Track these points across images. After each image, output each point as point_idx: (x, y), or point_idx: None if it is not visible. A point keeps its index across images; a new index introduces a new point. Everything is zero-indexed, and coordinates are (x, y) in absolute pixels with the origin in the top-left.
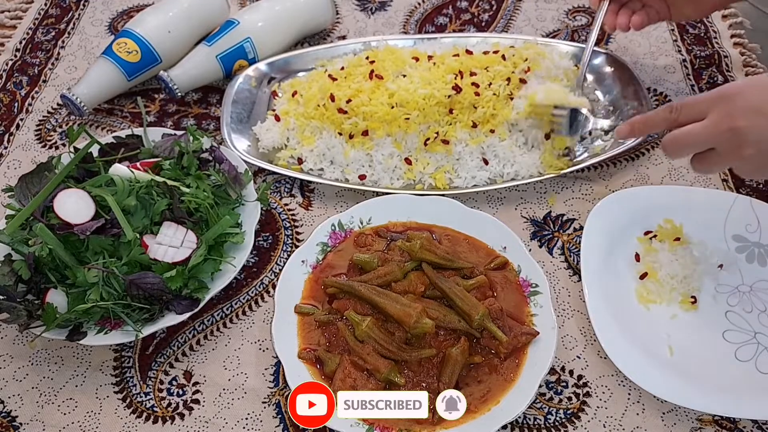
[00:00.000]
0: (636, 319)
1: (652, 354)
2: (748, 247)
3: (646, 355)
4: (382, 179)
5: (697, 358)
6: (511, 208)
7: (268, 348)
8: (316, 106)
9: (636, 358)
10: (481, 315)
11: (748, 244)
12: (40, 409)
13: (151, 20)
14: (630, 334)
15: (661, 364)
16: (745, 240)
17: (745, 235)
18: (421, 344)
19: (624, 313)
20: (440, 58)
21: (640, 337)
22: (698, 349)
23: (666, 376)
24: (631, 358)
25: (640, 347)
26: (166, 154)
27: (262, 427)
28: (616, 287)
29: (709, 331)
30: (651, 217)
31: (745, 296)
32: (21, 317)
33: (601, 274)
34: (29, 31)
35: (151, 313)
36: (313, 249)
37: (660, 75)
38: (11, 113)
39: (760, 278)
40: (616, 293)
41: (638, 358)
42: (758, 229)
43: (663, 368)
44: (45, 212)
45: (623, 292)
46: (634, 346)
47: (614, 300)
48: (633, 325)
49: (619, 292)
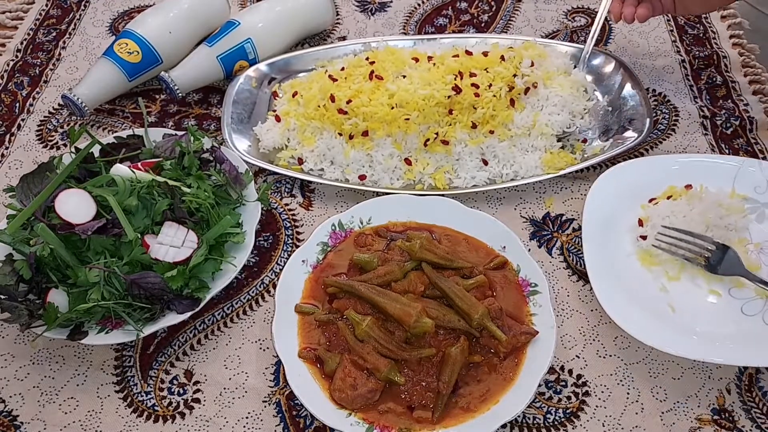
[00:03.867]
0: (636, 280)
1: (653, 311)
2: (758, 207)
3: (647, 313)
4: (382, 179)
5: (701, 314)
6: (510, 208)
7: (268, 347)
8: (316, 107)
9: (636, 316)
10: (480, 314)
11: (758, 204)
12: (42, 409)
13: (152, 21)
14: (629, 293)
15: (662, 320)
16: (754, 201)
17: (754, 197)
18: (421, 343)
19: (624, 275)
20: (440, 59)
21: (640, 296)
22: (702, 306)
23: (668, 330)
24: (631, 316)
25: (640, 305)
26: (167, 154)
27: (263, 426)
28: (617, 250)
29: (714, 288)
30: (656, 184)
31: (753, 255)
32: (22, 317)
33: (602, 238)
34: (30, 31)
35: (152, 313)
36: (313, 249)
37: (659, 75)
38: (12, 113)
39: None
40: (615, 256)
41: (638, 315)
42: (767, 190)
43: (664, 323)
44: (46, 212)
45: (624, 255)
46: (633, 304)
47: (614, 262)
48: (633, 285)
49: (620, 255)
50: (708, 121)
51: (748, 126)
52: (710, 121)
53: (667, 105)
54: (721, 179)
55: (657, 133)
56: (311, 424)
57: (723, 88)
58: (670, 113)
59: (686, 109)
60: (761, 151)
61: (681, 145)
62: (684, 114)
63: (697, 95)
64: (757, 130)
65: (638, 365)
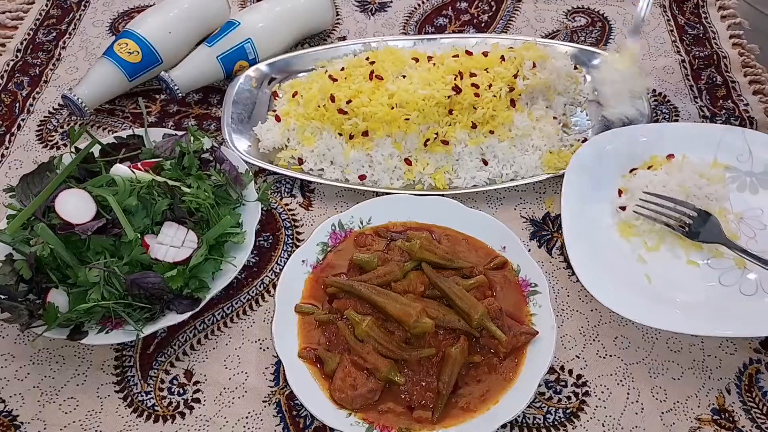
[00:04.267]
0: (615, 251)
1: (631, 283)
2: (740, 176)
3: (625, 285)
4: (382, 179)
5: (678, 285)
6: (510, 208)
7: (268, 347)
8: (316, 107)
9: (613, 287)
10: (480, 314)
11: (740, 173)
12: (42, 408)
13: (152, 21)
14: (607, 264)
15: (640, 292)
16: (736, 170)
17: (736, 165)
18: (421, 343)
19: (602, 246)
20: (440, 59)
21: (618, 268)
22: (679, 277)
23: (646, 302)
24: (608, 288)
25: (618, 277)
26: (167, 154)
27: (263, 425)
28: (596, 222)
29: (693, 258)
30: (637, 154)
31: (733, 224)
32: (22, 317)
33: (581, 209)
34: (30, 31)
35: (152, 313)
36: (313, 249)
37: (659, 75)
38: (12, 113)
39: (751, 206)
40: (594, 227)
41: (615, 287)
42: (750, 158)
43: (643, 296)
44: (46, 212)
45: (604, 226)
46: (611, 276)
47: (593, 234)
48: (611, 257)
49: (599, 226)
50: (708, 121)
51: (748, 126)
52: (710, 121)
53: (667, 105)
54: (705, 148)
55: None
56: (311, 424)
57: (723, 88)
58: (670, 113)
59: (686, 109)
60: None
61: None
62: (684, 114)
63: (697, 95)
64: (757, 130)
65: (638, 365)
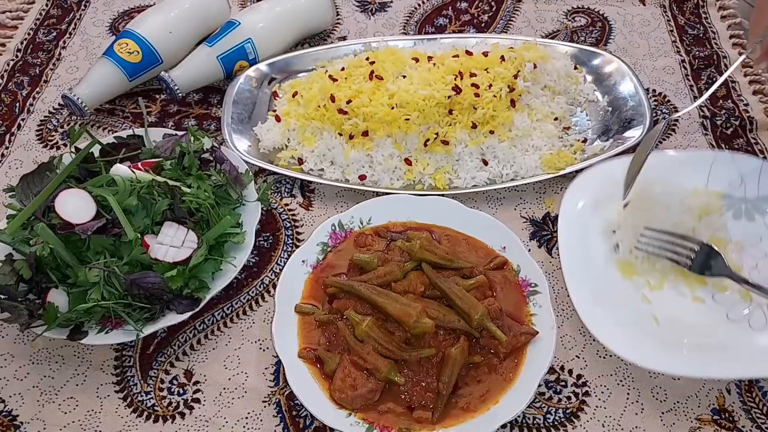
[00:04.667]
0: (618, 292)
1: (639, 326)
2: (734, 203)
3: (633, 328)
4: (382, 179)
5: (688, 325)
6: (510, 209)
7: (268, 347)
8: (316, 107)
9: (621, 332)
10: (480, 315)
11: (734, 200)
12: (41, 408)
13: (153, 21)
14: (612, 307)
15: (648, 335)
16: (730, 197)
17: (730, 192)
18: (421, 344)
19: (606, 290)
20: (440, 59)
21: (623, 310)
22: (687, 316)
23: (656, 345)
24: (616, 333)
25: (624, 320)
26: (167, 154)
27: (262, 426)
28: (595, 261)
29: (698, 295)
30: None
31: (734, 254)
32: (22, 317)
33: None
34: (30, 31)
35: (152, 313)
36: (313, 249)
37: (659, 75)
38: (12, 113)
39: (749, 234)
40: (594, 267)
41: (623, 331)
42: (742, 184)
43: (651, 338)
44: (46, 212)
45: (603, 265)
46: (617, 319)
47: (594, 274)
48: (614, 298)
49: (599, 265)
50: (708, 121)
51: (748, 126)
52: (710, 121)
53: (667, 105)
54: (695, 175)
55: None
56: (311, 424)
57: (723, 88)
58: (670, 113)
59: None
60: (761, 151)
61: (681, 145)
62: (684, 114)
63: (697, 95)
64: (757, 130)
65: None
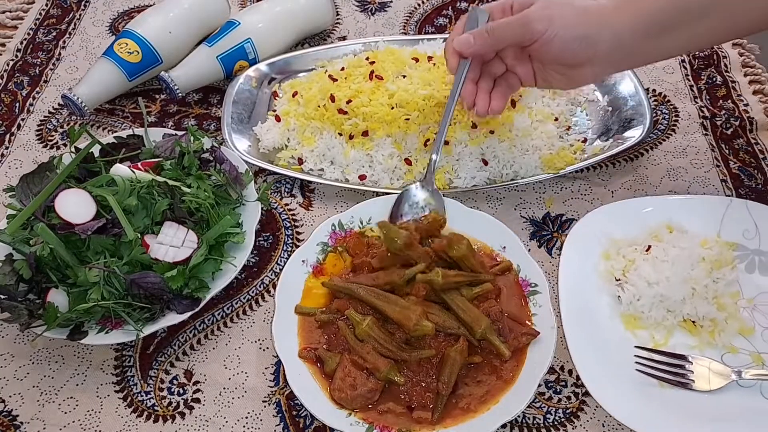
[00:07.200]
0: (622, 352)
1: (643, 390)
2: (748, 255)
3: (637, 392)
4: (382, 179)
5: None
6: (510, 208)
7: (268, 347)
8: (316, 107)
9: (625, 397)
10: (484, 328)
11: (747, 252)
12: (41, 408)
13: (152, 21)
14: (615, 368)
15: (654, 400)
16: (743, 248)
17: (743, 243)
18: (421, 345)
19: (610, 350)
20: (440, 59)
21: (628, 372)
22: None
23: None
24: (620, 397)
25: (629, 383)
26: (167, 154)
27: (263, 426)
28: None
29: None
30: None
31: (745, 312)
32: (22, 316)
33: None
34: (30, 31)
35: (152, 313)
36: (313, 249)
37: (659, 75)
38: (12, 113)
39: (763, 290)
40: (596, 324)
41: (628, 395)
42: (757, 235)
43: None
44: (46, 212)
45: (605, 318)
46: (621, 382)
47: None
48: (620, 360)
49: (601, 319)
50: (708, 121)
51: (748, 126)
52: (710, 121)
53: (667, 105)
54: (705, 222)
55: (657, 133)
56: (311, 424)
57: (723, 88)
58: (670, 113)
59: (686, 109)
60: (761, 152)
61: (681, 145)
62: (684, 114)
63: (697, 95)
64: (757, 130)
65: None
